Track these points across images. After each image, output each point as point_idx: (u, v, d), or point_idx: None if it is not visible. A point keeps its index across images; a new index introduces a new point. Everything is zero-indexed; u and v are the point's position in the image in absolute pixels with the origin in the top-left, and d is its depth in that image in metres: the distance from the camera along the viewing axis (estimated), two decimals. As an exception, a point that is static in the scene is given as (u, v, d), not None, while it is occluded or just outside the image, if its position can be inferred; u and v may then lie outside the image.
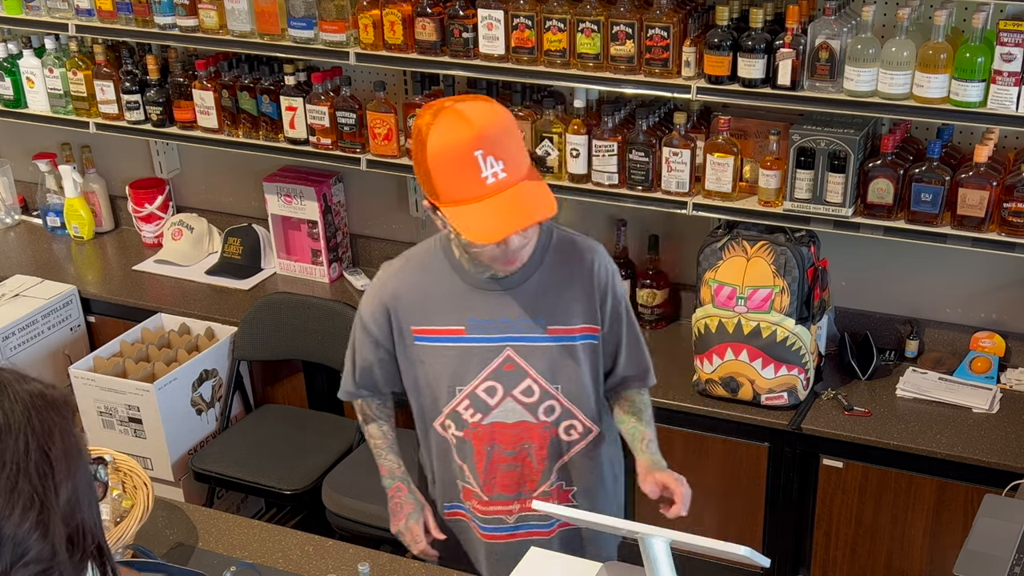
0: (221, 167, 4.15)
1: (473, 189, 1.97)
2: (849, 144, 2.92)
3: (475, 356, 2.24)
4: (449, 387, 2.27)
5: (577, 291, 2.23)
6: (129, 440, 3.48)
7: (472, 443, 2.30)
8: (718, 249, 3.08)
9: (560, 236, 2.26)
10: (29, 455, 1.21)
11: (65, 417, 1.28)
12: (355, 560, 2.36)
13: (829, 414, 3.08)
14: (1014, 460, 2.85)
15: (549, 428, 2.30)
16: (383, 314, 2.28)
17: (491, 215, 1.97)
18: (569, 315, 2.23)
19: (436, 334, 2.25)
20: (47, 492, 1.22)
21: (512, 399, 2.26)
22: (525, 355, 2.23)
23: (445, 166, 1.97)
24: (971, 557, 2.21)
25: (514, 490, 2.34)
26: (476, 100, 2.03)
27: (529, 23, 3.11)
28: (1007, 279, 3.20)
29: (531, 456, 2.31)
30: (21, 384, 1.26)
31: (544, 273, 2.22)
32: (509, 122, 2.01)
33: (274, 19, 3.41)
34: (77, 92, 3.91)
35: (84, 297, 3.91)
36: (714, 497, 3.26)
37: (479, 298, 2.22)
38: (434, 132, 1.97)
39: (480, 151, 1.95)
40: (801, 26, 2.89)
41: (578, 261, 2.24)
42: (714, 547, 1.92)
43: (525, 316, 2.21)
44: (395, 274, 2.30)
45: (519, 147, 2.02)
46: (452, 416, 2.30)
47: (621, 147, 3.19)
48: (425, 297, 2.25)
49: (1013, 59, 2.68)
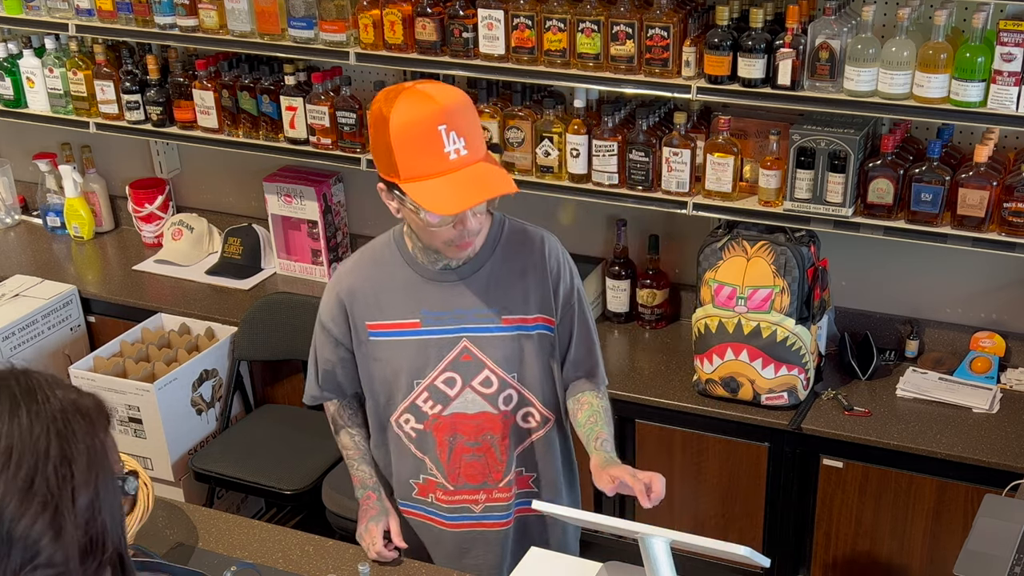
0: (221, 167, 4.15)
1: (435, 164, 1.99)
2: (849, 144, 2.92)
3: (431, 348, 2.25)
4: (407, 380, 2.28)
5: (530, 280, 2.24)
6: (129, 440, 3.48)
7: (434, 435, 2.31)
8: (718, 249, 3.08)
9: (511, 226, 2.27)
10: (49, 457, 1.21)
11: (94, 424, 1.27)
12: (355, 560, 2.36)
13: (829, 414, 3.08)
14: (1014, 460, 2.85)
15: (509, 416, 2.31)
16: (340, 311, 2.29)
17: (452, 188, 1.99)
18: (524, 305, 2.24)
19: (391, 328, 2.26)
20: (63, 495, 1.21)
21: (471, 390, 2.27)
22: (481, 346, 2.24)
23: (408, 141, 1.99)
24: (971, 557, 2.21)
25: (479, 480, 2.35)
26: (434, 82, 2.07)
27: (529, 23, 3.11)
28: (1007, 279, 3.19)
29: (494, 446, 2.32)
30: (53, 389, 1.26)
31: (496, 263, 2.23)
32: (469, 102, 2.04)
33: (274, 19, 3.41)
34: (77, 92, 3.92)
35: (84, 297, 3.91)
36: (714, 497, 3.26)
37: (432, 289, 2.23)
38: (396, 109, 1.99)
39: (444, 126, 1.98)
40: (801, 26, 2.89)
41: (529, 251, 2.25)
42: (714, 547, 1.92)
43: (479, 306, 2.22)
44: (349, 271, 2.31)
45: (478, 129, 2.06)
46: (411, 409, 2.30)
47: (621, 147, 3.19)
48: (378, 291, 2.26)
49: (1013, 59, 2.68)
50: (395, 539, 2.34)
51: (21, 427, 1.22)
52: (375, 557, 2.34)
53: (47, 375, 1.29)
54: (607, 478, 2.16)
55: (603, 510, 3.39)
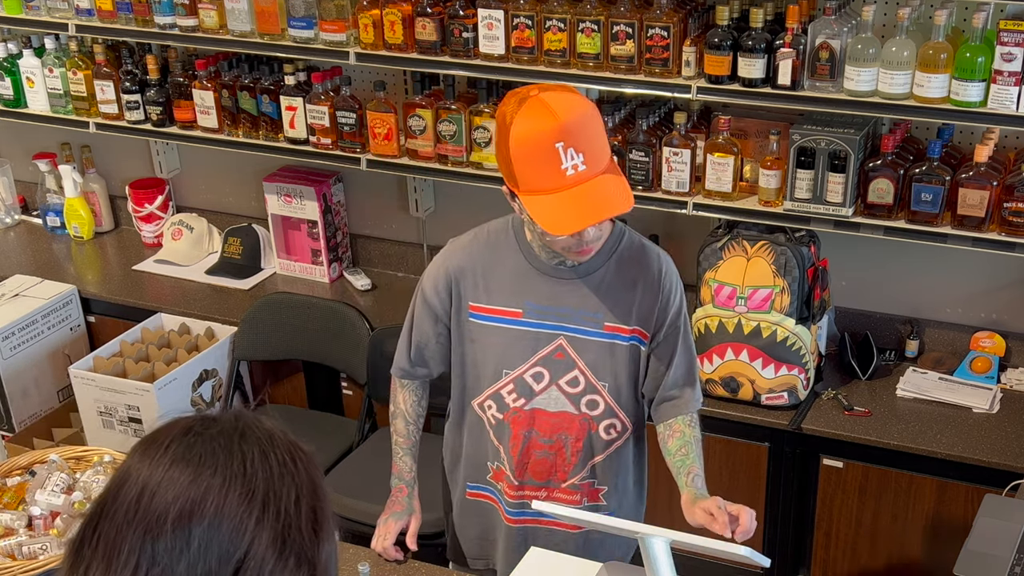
0: (221, 167, 4.15)
1: (553, 180, 1.99)
2: (849, 144, 2.92)
3: (527, 340, 2.25)
4: (496, 368, 2.28)
5: (639, 294, 2.24)
6: (129, 440, 3.48)
7: (511, 427, 2.31)
8: (718, 249, 3.08)
9: (631, 238, 2.28)
10: (300, 508, 1.16)
11: (321, 473, 1.23)
12: (355, 560, 2.35)
13: (829, 414, 3.08)
14: (1014, 460, 2.85)
15: (588, 422, 2.30)
16: (446, 286, 2.29)
17: (568, 207, 1.99)
18: (627, 315, 2.24)
19: (493, 313, 2.26)
20: (314, 552, 1.16)
21: (557, 388, 2.27)
22: (577, 347, 2.24)
23: (526, 156, 2.00)
24: (971, 557, 2.21)
25: (544, 477, 2.34)
26: (561, 91, 2.04)
27: (529, 23, 3.11)
28: (1007, 279, 3.19)
29: (567, 447, 2.31)
30: (283, 435, 1.21)
31: (610, 270, 2.23)
32: (592, 114, 2.03)
33: (274, 19, 3.41)
34: (77, 92, 3.91)
35: (84, 297, 3.91)
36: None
37: (541, 283, 2.23)
38: (518, 121, 1.99)
39: (561, 143, 1.97)
40: (801, 26, 2.89)
41: (645, 266, 2.25)
42: (714, 547, 1.92)
43: (584, 308, 2.23)
44: (463, 247, 2.30)
45: (601, 139, 2.04)
46: (495, 397, 2.30)
47: (621, 147, 3.19)
48: (488, 274, 2.26)
49: (1013, 59, 2.68)
50: (410, 540, 2.35)
51: (271, 474, 1.15)
52: (379, 551, 2.34)
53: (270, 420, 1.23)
54: (700, 512, 2.15)
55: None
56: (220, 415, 1.20)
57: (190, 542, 1.10)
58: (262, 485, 1.14)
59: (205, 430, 1.17)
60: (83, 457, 2.47)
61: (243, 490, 1.13)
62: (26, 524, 2.29)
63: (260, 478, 1.14)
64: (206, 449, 1.15)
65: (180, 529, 1.10)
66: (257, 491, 1.13)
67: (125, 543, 1.11)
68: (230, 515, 1.11)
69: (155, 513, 1.11)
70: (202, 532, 1.10)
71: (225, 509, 1.11)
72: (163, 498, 1.11)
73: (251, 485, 1.13)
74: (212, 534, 1.10)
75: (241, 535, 1.11)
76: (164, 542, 1.10)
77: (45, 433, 3.71)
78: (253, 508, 1.13)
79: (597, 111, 2.05)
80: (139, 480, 1.14)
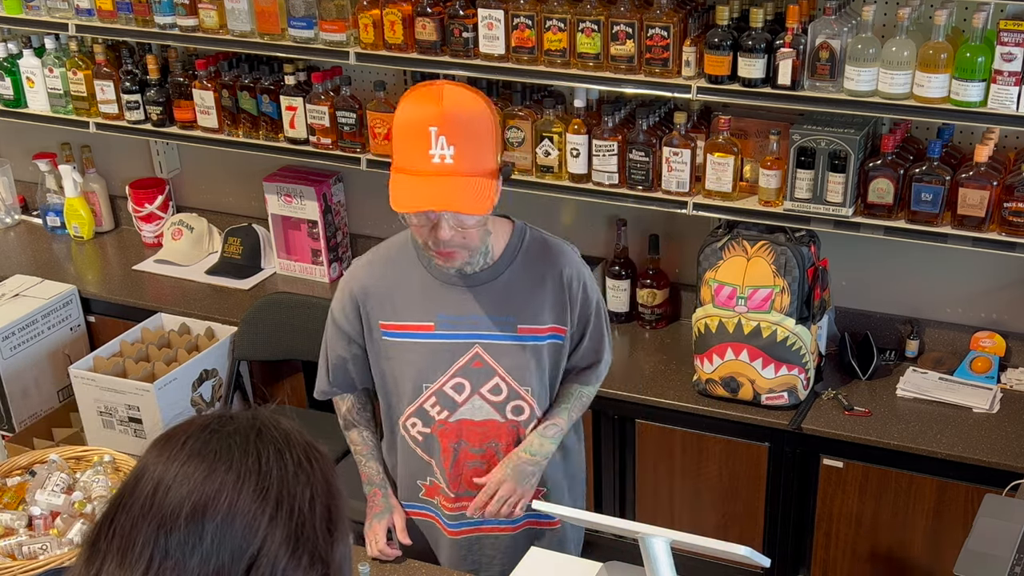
0: (221, 167, 4.15)
1: (417, 162, 2.00)
2: (849, 144, 2.92)
3: (444, 353, 2.24)
4: (415, 384, 2.27)
5: (547, 292, 2.24)
6: (129, 440, 3.48)
7: (439, 440, 2.31)
8: (718, 249, 3.08)
9: (533, 236, 2.27)
10: (315, 508, 1.17)
11: (336, 474, 1.23)
12: (355, 561, 2.35)
13: (829, 414, 3.08)
14: (1014, 460, 2.85)
15: (516, 427, 2.30)
16: (353, 309, 2.28)
17: (417, 189, 2.00)
18: (539, 314, 2.24)
19: (404, 329, 2.26)
20: (328, 551, 1.16)
21: (480, 397, 2.27)
22: (493, 353, 2.24)
23: (402, 131, 2.03)
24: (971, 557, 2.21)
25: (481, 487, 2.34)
26: (466, 89, 2.06)
27: (529, 23, 3.11)
28: (1007, 279, 3.19)
29: (498, 454, 2.31)
30: (299, 435, 1.22)
31: (515, 272, 2.23)
32: (482, 119, 2.02)
33: (274, 19, 3.41)
34: (77, 92, 3.91)
35: (84, 297, 3.91)
36: (714, 497, 3.26)
37: (449, 293, 2.22)
38: (409, 97, 2.03)
39: (435, 128, 1.98)
40: (801, 26, 2.89)
41: (550, 262, 2.25)
42: (714, 547, 1.92)
43: (495, 314, 2.22)
44: (364, 267, 2.30)
45: (482, 144, 2.03)
46: (418, 413, 2.30)
47: (621, 147, 3.19)
48: (394, 292, 2.25)
49: (1013, 59, 2.68)
50: (400, 535, 2.34)
51: (286, 473, 1.16)
52: (376, 555, 2.34)
53: (288, 420, 1.23)
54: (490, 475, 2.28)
55: (603, 510, 3.40)
56: (237, 413, 1.21)
57: (203, 537, 1.11)
58: (276, 483, 1.15)
59: (222, 427, 1.18)
60: (83, 457, 2.47)
61: (257, 487, 1.14)
62: (26, 524, 2.29)
63: (275, 476, 1.15)
64: (222, 446, 1.16)
65: (193, 524, 1.11)
66: (271, 489, 1.14)
67: (139, 536, 1.12)
68: (243, 512, 1.12)
69: (169, 507, 1.12)
70: (215, 527, 1.11)
71: (238, 505, 1.12)
72: (177, 493, 1.12)
73: (265, 483, 1.14)
74: (225, 530, 1.11)
75: (254, 532, 1.12)
76: (177, 536, 1.11)
77: (45, 433, 3.71)
78: (267, 505, 1.13)
79: (492, 120, 2.04)
80: (155, 475, 1.15)
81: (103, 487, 2.33)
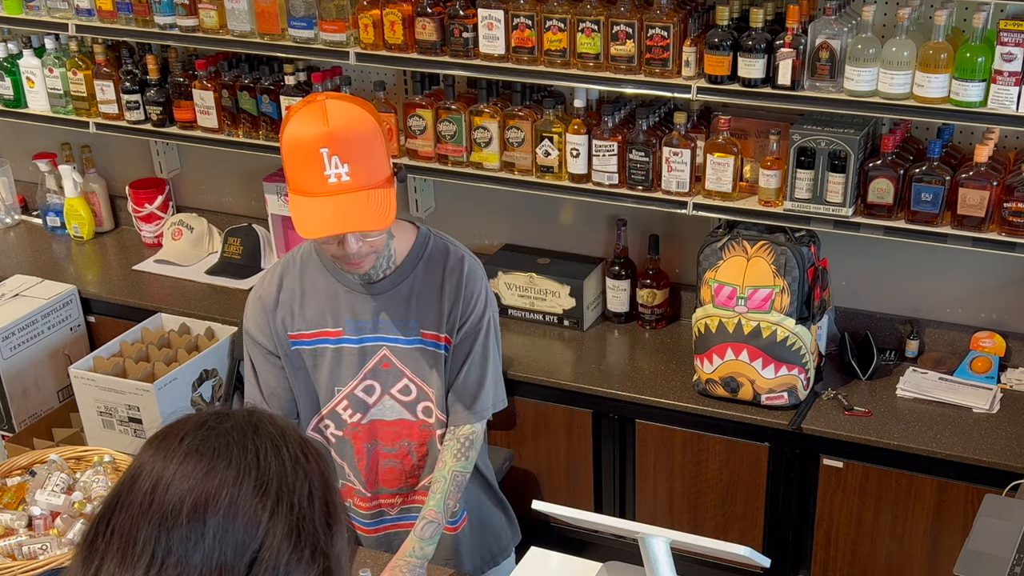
0: (221, 167, 4.15)
1: (314, 184, 2.00)
2: (849, 144, 2.92)
3: (353, 357, 2.26)
4: (327, 388, 2.29)
5: (445, 298, 2.25)
6: (129, 440, 3.48)
7: (352, 442, 2.33)
8: (718, 249, 3.08)
9: (436, 243, 2.28)
10: (313, 502, 1.17)
11: (331, 468, 1.24)
12: (357, 566, 2.35)
13: (829, 414, 3.08)
14: (1014, 460, 2.85)
15: (428, 428, 2.31)
16: (265, 321, 2.29)
17: (321, 213, 2.00)
18: (438, 321, 2.25)
19: (314, 337, 2.27)
20: (328, 545, 1.17)
21: (390, 397, 2.28)
22: (399, 357, 2.26)
23: (292, 154, 2.02)
24: (971, 557, 2.21)
25: (396, 484, 2.36)
26: (347, 101, 2.05)
27: (529, 23, 3.11)
28: (1007, 279, 3.19)
29: (411, 453, 2.33)
30: (293, 431, 1.22)
31: (417, 277, 2.25)
32: (370, 130, 2.02)
33: (274, 19, 3.41)
34: (77, 92, 3.91)
35: (84, 297, 3.91)
36: (714, 497, 3.26)
37: (355, 299, 2.24)
38: (294, 119, 2.02)
39: (326, 149, 1.98)
40: (801, 26, 2.89)
41: (449, 269, 2.25)
42: (714, 547, 1.92)
43: (399, 319, 2.24)
44: (272, 280, 2.31)
45: (374, 156, 2.03)
46: (331, 416, 2.32)
47: (621, 147, 3.19)
48: (302, 301, 2.27)
49: (1013, 59, 2.68)
50: None
51: (284, 468, 1.16)
52: None
53: (279, 416, 1.24)
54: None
55: (603, 510, 3.40)
56: (233, 411, 1.22)
57: (205, 533, 1.11)
58: (275, 478, 1.15)
59: (219, 424, 1.18)
60: (83, 457, 2.47)
61: (257, 483, 1.14)
62: (26, 524, 2.29)
63: (273, 471, 1.16)
64: (220, 443, 1.16)
65: (195, 520, 1.11)
66: (271, 484, 1.15)
67: (140, 534, 1.12)
68: (244, 507, 1.13)
69: (170, 504, 1.12)
70: (216, 524, 1.12)
71: (239, 501, 1.13)
72: (178, 490, 1.13)
73: (264, 478, 1.15)
74: (227, 526, 1.12)
75: (255, 527, 1.13)
76: (179, 533, 1.11)
77: (45, 433, 3.71)
78: (267, 501, 1.14)
79: (378, 129, 2.04)
80: (153, 473, 1.15)
81: (103, 487, 2.33)
